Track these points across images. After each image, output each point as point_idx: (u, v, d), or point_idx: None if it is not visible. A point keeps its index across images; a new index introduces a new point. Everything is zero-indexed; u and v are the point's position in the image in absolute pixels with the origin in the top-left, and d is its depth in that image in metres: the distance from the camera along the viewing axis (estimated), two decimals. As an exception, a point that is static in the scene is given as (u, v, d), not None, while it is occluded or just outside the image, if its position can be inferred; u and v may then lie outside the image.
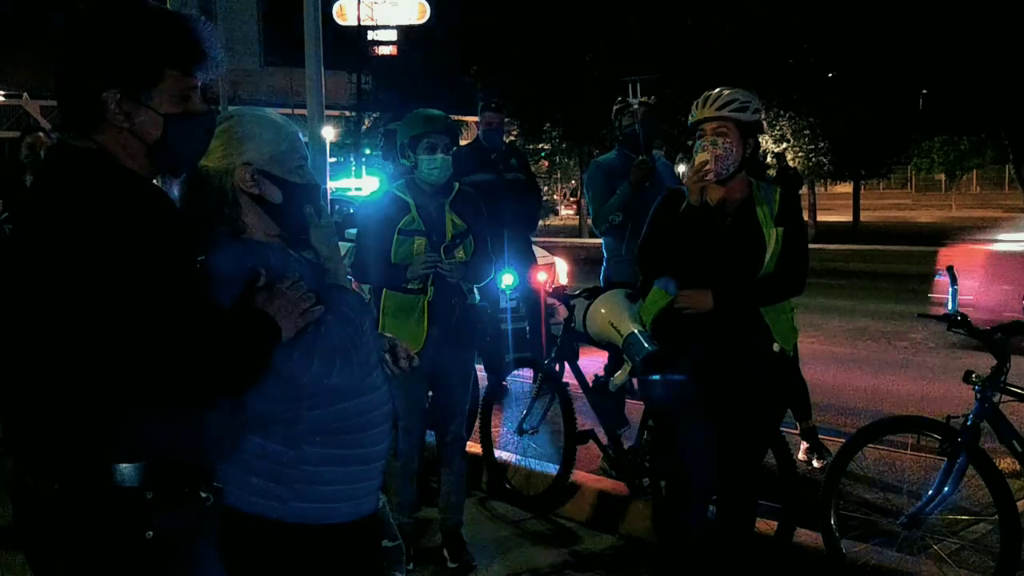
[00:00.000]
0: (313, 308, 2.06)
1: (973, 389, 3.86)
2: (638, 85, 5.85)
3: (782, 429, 4.38)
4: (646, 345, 4.14)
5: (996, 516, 3.80)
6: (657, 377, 3.93)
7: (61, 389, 1.82)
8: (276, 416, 2.15)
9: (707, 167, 3.60)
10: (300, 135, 2.30)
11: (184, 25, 1.94)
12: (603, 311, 4.61)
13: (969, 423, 3.81)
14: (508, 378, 6.08)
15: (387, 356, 2.44)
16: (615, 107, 6.08)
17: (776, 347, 3.75)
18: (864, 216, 33.33)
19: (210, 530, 2.00)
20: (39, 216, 1.85)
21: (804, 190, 27.19)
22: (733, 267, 3.68)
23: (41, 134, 7.13)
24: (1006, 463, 4.25)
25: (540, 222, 7.91)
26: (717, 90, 3.72)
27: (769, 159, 20.75)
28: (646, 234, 3.86)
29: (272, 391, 2.06)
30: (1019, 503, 3.92)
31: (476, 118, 7.36)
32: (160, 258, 1.78)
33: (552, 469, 5.33)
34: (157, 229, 1.80)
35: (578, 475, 5.27)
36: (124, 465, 1.84)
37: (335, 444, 2.20)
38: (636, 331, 4.21)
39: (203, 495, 1.95)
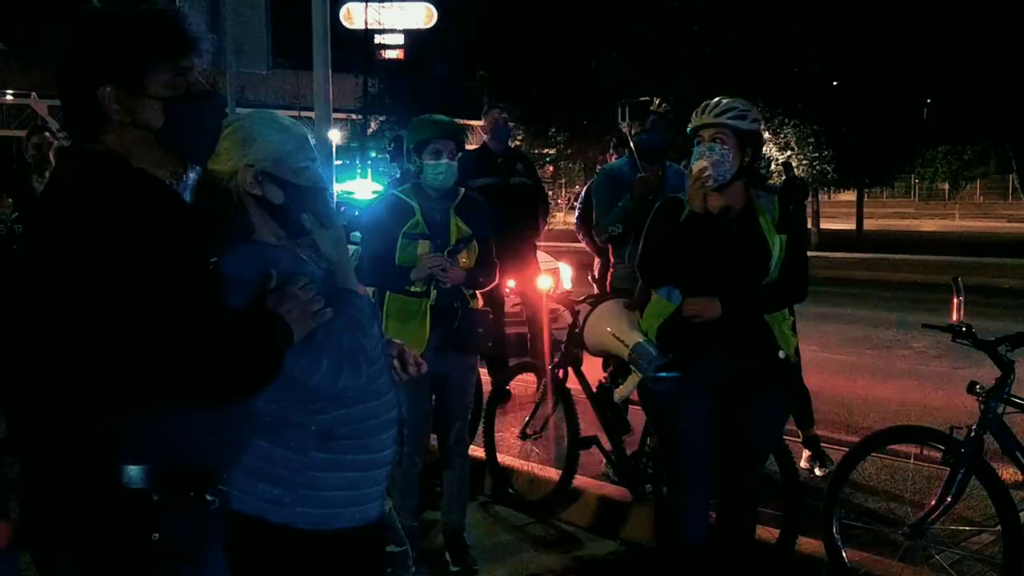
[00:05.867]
0: (323, 311, 2.07)
1: (977, 400, 3.86)
2: (627, 109, 5.84)
3: (784, 437, 4.38)
4: (655, 354, 3.97)
5: (999, 527, 3.80)
6: (662, 374, 3.85)
7: (70, 389, 1.82)
8: (283, 420, 2.16)
9: (706, 173, 3.62)
10: (309, 137, 2.31)
11: (165, 13, 1.96)
12: (602, 323, 4.42)
13: (973, 434, 3.81)
14: (511, 382, 6.09)
15: (395, 362, 2.44)
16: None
17: (781, 354, 3.78)
18: (867, 224, 33.29)
19: (216, 533, 2.01)
20: (51, 218, 1.86)
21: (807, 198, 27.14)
22: (739, 274, 3.69)
23: (47, 134, 7.14)
24: (1009, 474, 4.25)
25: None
26: (717, 99, 3.74)
27: (773, 167, 20.76)
28: (646, 242, 3.84)
29: (280, 395, 2.06)
30: (1022, 514, 3.92)
31: (482, 123, 7.37)
32: (171, 259, 1.79)
33: (555, 474, 5.33)
34: (168, 230, 1.81)
35: (581, 480, 5.26)
36: (131, 467, 1.84)
37: (342, 449, 2.21)
38: (642, 341, 4.06)
39: (209, 498, 1.96)
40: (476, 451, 5.40)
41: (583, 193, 6.70)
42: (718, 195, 3.68)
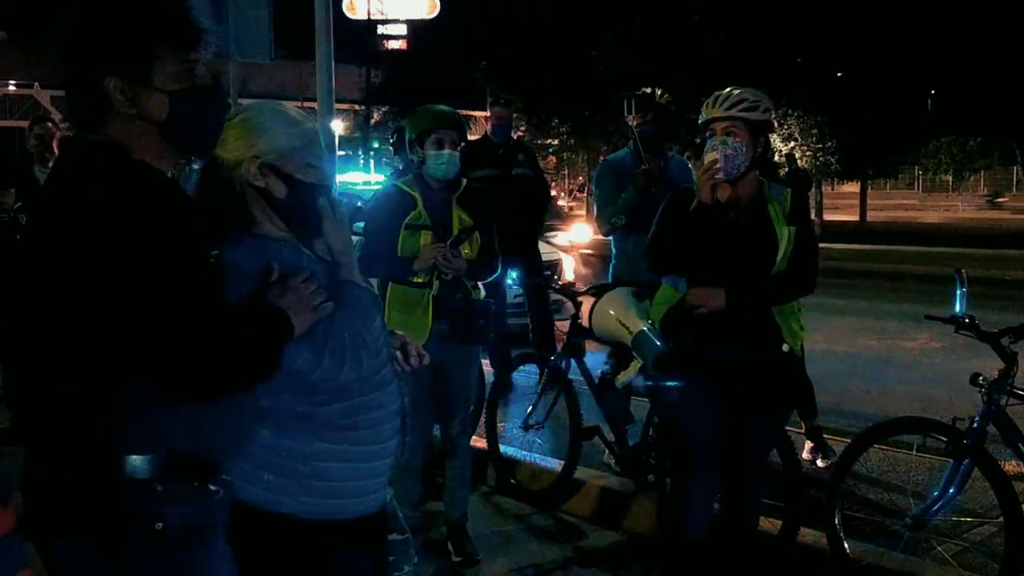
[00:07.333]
0: (324, 304, 2.07)
1: (979, 392, 3.86)
2: (632, 102, 5.81)
3: (787, 428, 4.38)
4: (657, 343, 4.07)
5: (1001, 518, 3.80)
6: (669, 383, 3.90)
7: (72, 380, 1.82)
8: (287, 411, 2.16)
9: (717, 166, 3.60)
10: (318, 133, 2.29)
11: (172, 4, 1.95)
12: (610, 309, 4.59)
13: (975, 426, 3.81)
14: (513, 373, 6.09)
15: (398, 353, 2.44)
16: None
17: (785, 347, 3.77)
18: (871, 216, 33.27)
19: (219, 523, 2.01)
20: (52, 209, 1.86)
21: (811, 190, 27.11)
22: (745, 265, 3.68)
23: (50, 124, 7.15)
24: (1011, 466, 4.25)
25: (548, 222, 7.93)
26: (727, 90, 3.72)
27: (777, 158, 20.73)
28: (655, 231, 3.85)
29: (283, 387, 2.06)
30: (1024, 505, 3.93)
31: (484, 113, 7.42)
32: (170, 251, 1.79)
33: (557, 465, 5.35)
34: (167, 221, 1.81)
35: (583, 471, 5.28)
36: (135, 457, 1.84)
37: (345, 440, 2.20)
38: (645, 329, 4.15)
39: (212, 488, 1.96)
40: (478, 442, 5.41)
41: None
42: (728, 186, 3.67)
